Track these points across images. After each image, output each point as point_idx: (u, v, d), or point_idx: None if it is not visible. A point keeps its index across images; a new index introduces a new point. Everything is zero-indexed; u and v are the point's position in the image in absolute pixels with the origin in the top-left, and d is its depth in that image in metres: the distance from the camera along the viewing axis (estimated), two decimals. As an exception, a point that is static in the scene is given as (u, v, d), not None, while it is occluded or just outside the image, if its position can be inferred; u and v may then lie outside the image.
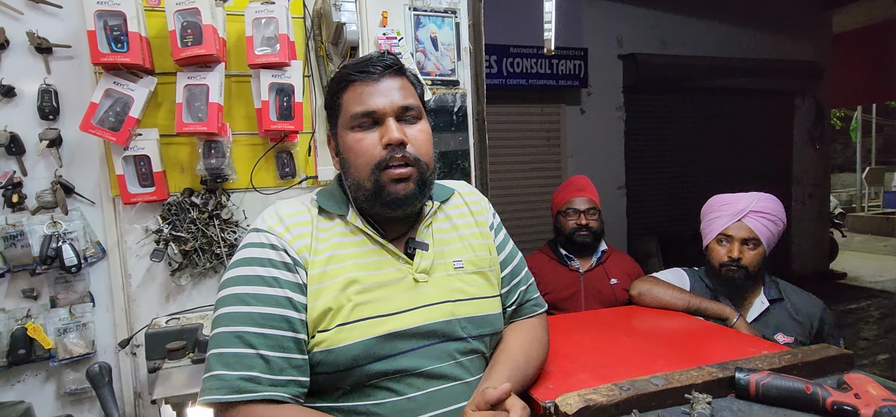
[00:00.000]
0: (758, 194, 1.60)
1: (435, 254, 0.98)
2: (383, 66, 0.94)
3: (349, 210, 0.96)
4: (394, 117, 0.92)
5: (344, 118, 0.95)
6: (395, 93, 0.93)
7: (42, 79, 1.55)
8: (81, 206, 1.62)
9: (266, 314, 0.84)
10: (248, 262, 0.88)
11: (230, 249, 1.69)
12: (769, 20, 5.53)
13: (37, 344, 1.55)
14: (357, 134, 0.93)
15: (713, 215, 1.65)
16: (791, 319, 1.56)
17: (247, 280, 0.86)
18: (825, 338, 1.56)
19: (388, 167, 0.91)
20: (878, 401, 0.75)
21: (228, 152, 1.63)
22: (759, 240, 1.56)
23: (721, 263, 1.58)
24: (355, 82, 0.94)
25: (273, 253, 0.88)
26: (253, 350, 0.82)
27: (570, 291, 2.04)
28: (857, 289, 6.07)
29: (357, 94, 0.93)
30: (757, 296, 1.61)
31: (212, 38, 1.50)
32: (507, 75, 4.31)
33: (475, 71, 1.80)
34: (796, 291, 1.64)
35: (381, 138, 0.91)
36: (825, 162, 6.30)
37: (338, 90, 0.96)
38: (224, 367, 0.81)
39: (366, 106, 0.92)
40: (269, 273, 0.87)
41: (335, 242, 0.93)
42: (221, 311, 0.86)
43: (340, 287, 0.89)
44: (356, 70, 0.94)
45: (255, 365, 0.81)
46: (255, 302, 0.84)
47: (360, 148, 0.92)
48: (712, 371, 0.95)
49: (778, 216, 1.58)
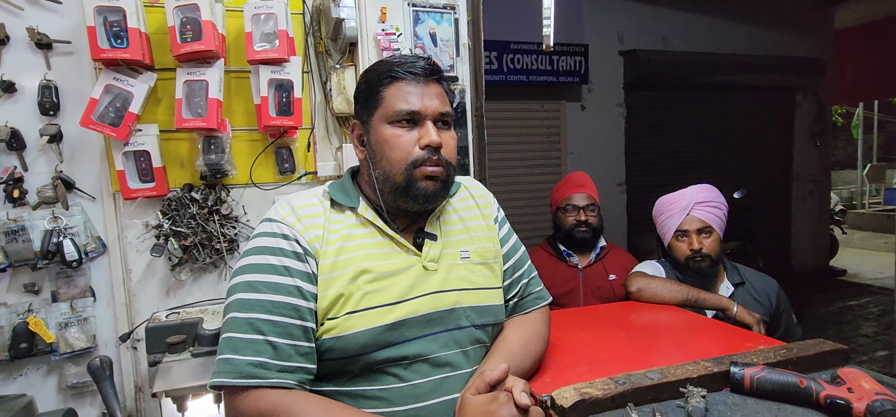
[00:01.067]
0: (696, 186, 1.71)
1: (443, 244, 1.01)
2: (430, 70, 0.97)
3: (360, 202, 0.99)
4: (432, 121, 0.96)
5: (384, 111, 0.96)
6: (436, 100, 0.97)
7: (42, 75, 1.56)
8: (82, 201, 1.62)
9: (276, 301, 0.87)
10: (261, 251, 0.90)
11: (230, 244, 1.70)
12: (771, 16, 5.51)
13: (38, 338, 1.57)
14: (397, 130, 0.95)
15: (665, 215, 1.74)
16: (753, 300, 1.65)
17: (258, 268, 0.89)
18: (782, 313, 1.68)
19: (422, 165, 0.94)
20: (871, 395, 0.76)
21: (228, 148, 1.64)
22: (712, 228, 1.66)
23: (686, 257, 1.67)
24: (401, 80, 0.96)
25: (284, 243, 0.91)
26: (262, 337, 0.84)
27: (568, 287, 2.04)
28: (857, 286, 6.07)
29: (402, 92, 0.95)
30: (722, 282, 1.69)
31: (211, 34, 1.50)
32: (508, 71, 4.31)
33: (474, 67, 1.80)
34: (753, 273, 1.73)
35: (419, 139, 0.95)
36: (826, 158, 6.28)
37: (380, 83, 0.97)
38: (234, 352, 0.84)
39: (411, 105, 0.95)
40: (281, 261, 0.89)
41: (346, 233, 0.96)
42: (233, 297, 0.88)
43: (351, 276, 0.91)
44: (404, 68, 0.96)
45: (264, 352, 0.84)
46: (266, 290, 0.87)
47: (398, 143, 0.95)
48: (707, 365, 0.95)
49: (720, 201, 1.69)
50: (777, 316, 1.67)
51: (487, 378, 0.84)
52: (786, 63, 5.57)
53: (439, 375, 0.92)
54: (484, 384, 0.84)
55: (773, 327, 1.63)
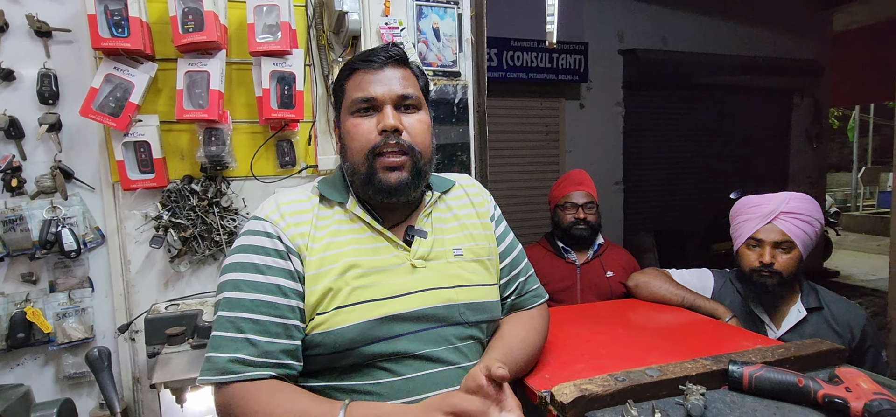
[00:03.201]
0: (789, 194, 1.49)
1: (434, 242, 1.00)
2: (386, 56, 0.98)
3: (349, 197, 0.99)
4: (392, 105, 0.96)
5: (346, 103, 0.99)
6: (395, 82, 0.97)
7: (41, 63, 1.55)
8: (81, 192, 1.62)
9: (256, 300, 0.88)
10: (244, 249, 0.93)
11: (229, 237, 1.70)
12: (770, 18, 5.52)
13: (36, 328, 1.56)
14: (356, 119, 0.97)
15: (742, 218, 1.54)
16: (830, 329, 1.46)
17: (242, 266, 0.91)
18: (866, 351, 1.46)
19: (381, 153, 0.94)
20: (869, 395, 0.77)
21: (229, 140, 1.63)
22: (794, 243, 1.44)
23: (752, 268, 1.48)
24: (358, 70, 0.98)
25: (267, 241, 0.92)
26: (242, 335, 0.87)
27: (566, 283, 2.05)
28: (850, 288, 6.12)
29: (358, 82, 0.97)
30: (793, 304, 1.51)
31: (213, 25, 1.49)
32: (508, 68, 4.31)
33: (476, 63, 1.80)
34: (837, 299, 1.53)
35: (377, 124, 0.95)
36: (822, 161, 6.32)
37: (342, 77, 1.01)
38: (215, 350, 0.87)
39: (365, 92, 0.96)
40: (262, 260, 0.91)
41: (333, 229, 0.96)
42: (220, 296, 0.91)
43: (339, 271, 0.92)
44: (360, 59, 0.99)
45: (243, 349, 0.86)
46: (248, 289, 0.89)
47: (356, 132, 0.96)
48: (706, 363, 0.96)
49: (813, 216, 1.46)
50: (861, 352, 1.46)
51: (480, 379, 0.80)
52: (784, 65, 5.60)
53: (430, 370, 0.92)
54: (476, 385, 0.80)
55: (854, 363, 1.35)
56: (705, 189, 5.51)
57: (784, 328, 1.49)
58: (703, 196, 5.48)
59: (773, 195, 1.51)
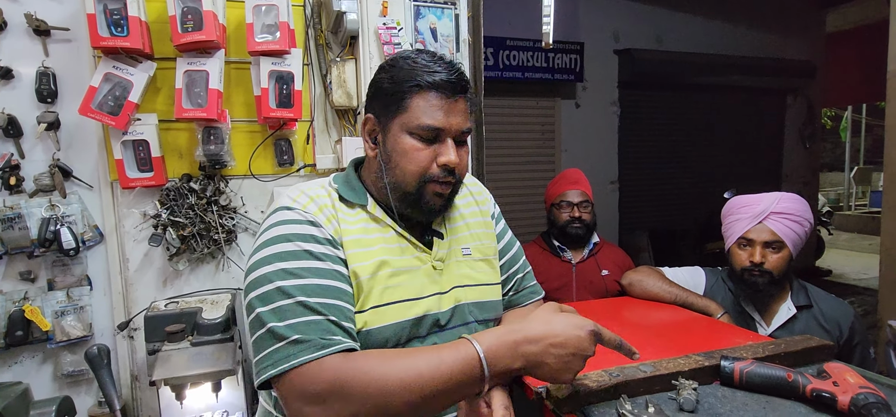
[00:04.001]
0: (780, 194, 1.50)
1: (449, 243, 1.02)
2: (461, 86, 0.93)
3: (368, 200, 0.97)
4: (453, 139, 0.93)
5: (407, 120, 0.91)
6: (462, 117, 0.93)
7: (40, 62, 1.55)
8: (79, 190, 1.62)
9: (324, 285, 0.83)
10: (289, 238, 0.86)
11: (228, 235, 1.71)
12: (764, 18, 5.57)
13: (34, 325, 1.56)
14: (416, 142, 0.91)
15: (733, 217, 1.56)
16: (819, 327, 1.48)
17: (293, 255, 0.84)
18: (854, 347, 1.48)
19: (434, 181, 0.92)
20: (856, 388, 0.79)
21: (227, 139, 1.64)
22: (784, 243, 1.46)
23: (743, 268, 1.50)
24: (431, 91, 0.91)
25: (315, 230, 0.88)
26: (323, 317, 0.80)
27: (562, 282, 2.07)
28: (842, 286, 6.18)
29: (430, 105, 0.91)
30: (783, 303, 1.53)
31: (212, 24, 1.50)
32: (504, 68, 4.32)
33: (474, 63, 1.82)
34: (826, 297, 1.55)
35: (436, 155, 0.92)
36: (815, 160, 6.38)
37: (407, 89, 0.92)
38: (300, 333, 0.78)
39: (436, 121, 0.90)
40: (316, 248, 0.86)
41: (362, 227, 0.94)
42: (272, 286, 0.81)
43: (372, 269, 0.90)
44: (437, 79, 0.91)
45: (330, 330, 0.80)
46: (309, 275, 0.83)
47: (416, 157, 0.92)
48: (698, 359, 0.98)
49: (802, 216, 1.48)
50: (848, 349, 1.48)
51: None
52: (778, 65, 5.64)
53: None
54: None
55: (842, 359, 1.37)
56: (699, 188, 5.55)
57: (774, 325, 1.52)
58: (697, 195, 5.51)
59: (763, 195, 1.53)
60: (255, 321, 0.81)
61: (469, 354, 0.77)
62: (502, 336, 0.80)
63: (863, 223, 9.93)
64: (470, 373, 0.77)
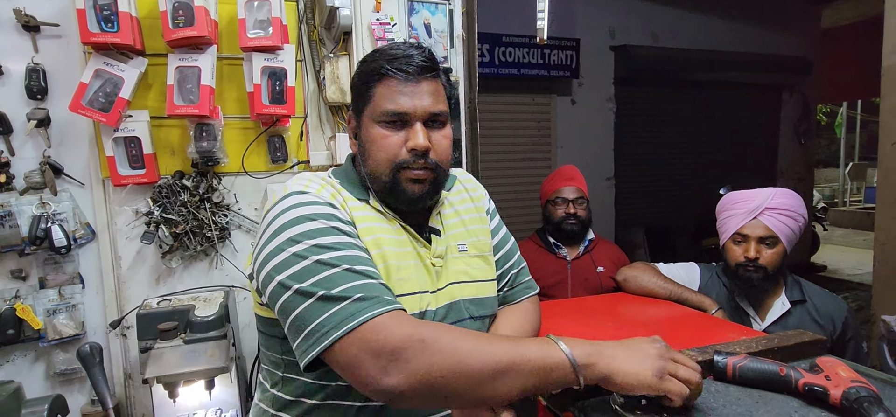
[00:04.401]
0: (774, 190, 1.51)
1: (447, 239, 1.01)
2: (422, 67, 0.91)
3: (369, 195, 0.97)
4: (422, 122, 0.91)
5: (372, 110, 0.92)
6: (428, 98, 0.91)
7: (29, 58, 1.54)
8: (70, 187, 1.61)
9: (363, 257, 0.82)
10: (313, 217, 0.82)
11: (221, 233, 1.70)
12: (760, 15, 5.57)
13: (26, 324, 1.55)
14: (383, 130, 0.91)
15: (728, 213, 1.56)
16: (812, 321, 1.49)
17: (323, 232, 0.81)
18: (847, 342, 1.49)
19: (407, 167, 0.91)
20: (848, 382, 0.79)
21: (220, 135, 1.63)
22: (778, 238, 1.47)
23: (737, 263, 1.50)
24: (391, 77, 0.91)
25: (336, 211, 0.86)
26: (378, 281, 0.79)
27: (557, 278, 2.07)
28: (837, 282, 6.22)
29: (391, 91, 0.91)
30: (777, 298, 1.53)
31: (204, 20, 1.49)
32: (500, 64, 4.31)
33: (468, 59, 1.81)
34: (819, 292, 1.56)
35: (406, 140, 0.91)
36: (810, 156, 6.40)
37: (370, 79, 0.93)
38: (363, 291, 0.74)
39: (398, 106, 0.90)
40: (343, 227, 0.84)
41: (371, 216, 0.93)
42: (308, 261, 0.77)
43: (381, 259, 0.89)
44: (394, 66, 0.90)
45: (387, 291, 0.79)
46: (346, 248, 0.80)
47: (384, 144, 0.91)
48: (692, 354, 0.98)
49: (797, 212, 1.48)
50: (842, 344, 1.49)
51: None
52: (773, 61, 5.65)
53: None
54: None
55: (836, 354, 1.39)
56: (695, 184, 5.56)
57: (769, 320, 1.53)
58: (693, 191, 5.53)
59: (758, 191, 1.53)
60: (293, 298, 0.75)
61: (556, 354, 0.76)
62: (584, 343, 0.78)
63: (857, 219, 9.98)
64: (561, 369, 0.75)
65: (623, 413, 0.80)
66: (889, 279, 2.17)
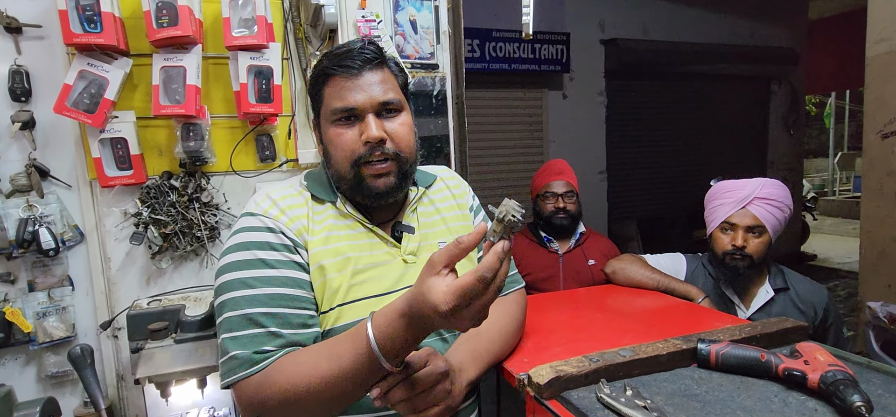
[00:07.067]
0: (763, 180, 1.54)
1: (421, 237, 1.02)
2: (363, 60, 0.92)
3: (337, 197, 0.98)
4: (374, 113, 0.92)
5: (325, 111, 0.95)
6: (375, 88, 0.92)
7: (12, 60, 1.52)
8: (57, 189, 1.60)
9: (271, 294, 0.86)
10: (247, 246, 0.88)
11: (210, 232, 1.69)
12: (748, 7, 5.61)
13: (16, 327, 1.54)
14: (337, 128, 0.93)
15: (717, 202, 1.59)
16: (795, 308, 1.54)
17: (248, 264, 0.87)
18: (828, 328, 1.53)
19: (367, 162, 0.92)
20: (825, 366, 0.81)
21: (207, 135, 1.62)
22: (765, 228, 1.51)
23: (725, 252, 1.54)
24: (335, 76, 0.93)
25: (271, 237, 0.89)
26: (263, 329, 0.84)
27: (549, 272, 2.09)
28: (826, 270, 6.30)
29: (337, 89, 0.93)
30: (761, 286, 1.58)
31: (188, 19, 1.48)
32: (490, 59, 4.32)
33: (454, 54, 1.81)
34: (801, 280, 1.60)
35: (360, 134, 0.92)
36: (799, 147, 6.46)
37: (318, 83, 0.96)
38: (240, 348, 0.83)
39: (345, 102, 0.92)
40: (269, 255, 0.88)
41: (330, 224, 0.95)
42: (227, 296, 0.86)
43: (339, 267, 0.91)
44: (336, 63, 0.93)
45: (267, 341, 0.84)
46: (260, 284, 0.86)
47: (340, 142, 0.93)
48: (677, 343, 1.00)
49: (784, 202, 1.52)
50: (823, 329, 1.54)
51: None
52: (762, 53, 5.70)
53: None
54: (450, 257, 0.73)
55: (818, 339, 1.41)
56: (687, 176, 5.60)
57: (753, 308, 1.56)
58: (685, 183, 5.57)
59: (747, 181, 1.56)
60: (217, 327, 0.88)
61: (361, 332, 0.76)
62: (389, 309, 0.75)
63: (847, 208, 10.08)
64: (370, 362, 0.75)
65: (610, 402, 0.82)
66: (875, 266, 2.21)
